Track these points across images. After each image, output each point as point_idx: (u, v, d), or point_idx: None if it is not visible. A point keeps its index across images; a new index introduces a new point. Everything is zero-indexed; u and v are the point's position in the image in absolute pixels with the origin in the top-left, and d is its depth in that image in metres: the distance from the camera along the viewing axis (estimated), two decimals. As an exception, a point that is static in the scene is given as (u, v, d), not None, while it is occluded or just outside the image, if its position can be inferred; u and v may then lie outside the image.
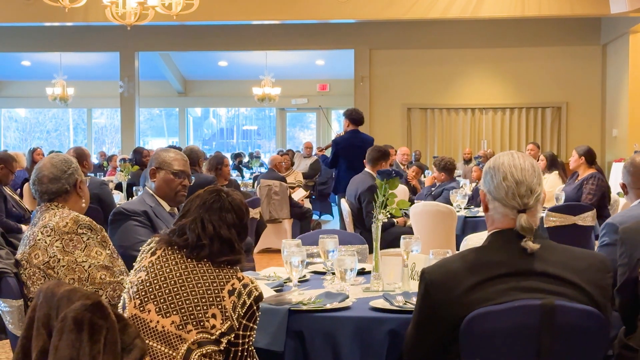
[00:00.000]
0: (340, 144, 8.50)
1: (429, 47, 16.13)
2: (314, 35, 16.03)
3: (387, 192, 3.31)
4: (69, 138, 26.71)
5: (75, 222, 3.02)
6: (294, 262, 3.18)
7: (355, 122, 8.52)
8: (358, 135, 8.48)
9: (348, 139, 8.41)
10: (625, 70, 14.17)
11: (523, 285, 2.27)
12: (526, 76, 16.09)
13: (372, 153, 7.33)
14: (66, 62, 18.88)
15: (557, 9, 12.79)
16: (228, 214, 2.57)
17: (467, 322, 2.25)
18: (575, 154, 7.53)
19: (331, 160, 8.68)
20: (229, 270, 2.52)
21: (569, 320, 2.25)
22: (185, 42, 16.65)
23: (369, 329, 2.78)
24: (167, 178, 3.84)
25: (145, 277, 2.50)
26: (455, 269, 2.33)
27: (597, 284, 2.33)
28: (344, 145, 8.37)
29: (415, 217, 6.62)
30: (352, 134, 8.48)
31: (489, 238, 2.39)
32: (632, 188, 3.53)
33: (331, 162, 8.71)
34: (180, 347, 2.41)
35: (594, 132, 15.81)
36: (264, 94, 18.19)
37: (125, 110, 16.93)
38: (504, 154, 2.41)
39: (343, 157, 8.40)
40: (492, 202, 2.39)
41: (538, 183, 2.35)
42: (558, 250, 2.37)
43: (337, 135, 9.04)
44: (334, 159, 8.56)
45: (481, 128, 16.57)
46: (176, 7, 9.24)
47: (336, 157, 8.50)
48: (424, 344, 2.41)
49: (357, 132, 8.52)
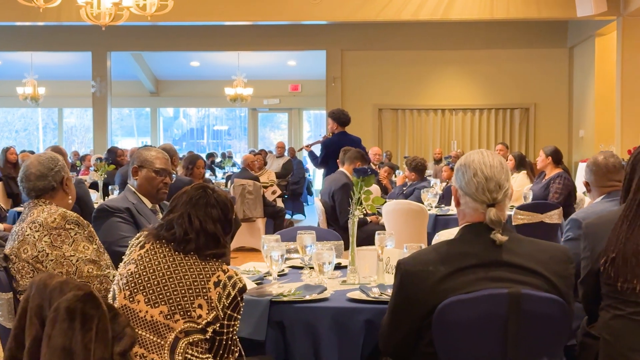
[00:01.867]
0: (330, 146, 8.56)
1: (400, 48, 16.32)
2: (286, 36, 16.13)
3: (363, 189, 3.45)
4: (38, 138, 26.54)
5: (63, 217, 3.13)
6: (274, 256, 3.31)
7: (343, 124, 8.66)
8: (347, 136, 8.61)
9: (337, 141, 8.49)
10: (592, 72, 14.47)
11: (492, 275, 2.43)
12: (495, 78, 16.36)
13: (352, 153, 7.49)
14: (37, 62, 18.78)
15: (525, 11, 13.03)
16: (214, 210, 2.70)
17: (439, 310, 2.39)
18: (542, 154, 7.73)
19: (321, 161, 8.78)
20: (215, 263, 2.64)
21: (534, 308, 2.40)
22: (158, 42, 16.68)
23: (346, 319, 2.91)
24: (148, 176, 3.95)
25: (134, 269, 2.62)
26: (429, 260, 2.48)
27: (561, 274, 2.49)
28: (334, 148, 8.45)
29: (387, 215, 6.78)
30: (341, 136, 8.60)
31: (460, 231, 2.54)
32: (594, 186, 3.71)
33: (321, 163, 8.80)
34: (168, 335, 2.53)
35: (561, 133, 16.12)
36: (236, 94, 18.26)
37: (98, 110, 16.89)
38: (474, 152, 2.56)
39: (334, 158, 8.50)
40: (464, 197, 2.54)
41: (506, 179, 2.51)
42: (525, 242, 2.53)
43: (324, 137, 9.13)
44: (324, 160, 8.66)
45: (451, 128, 16.81)
46: (151, 8, 9.30)
47: (326, 158, 8.60)
48: (398, 331, 2.55)
49: (345, 133, 8.65)
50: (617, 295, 2.81)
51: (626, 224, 2.82)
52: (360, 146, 8.55)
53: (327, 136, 8.99)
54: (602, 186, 3.68)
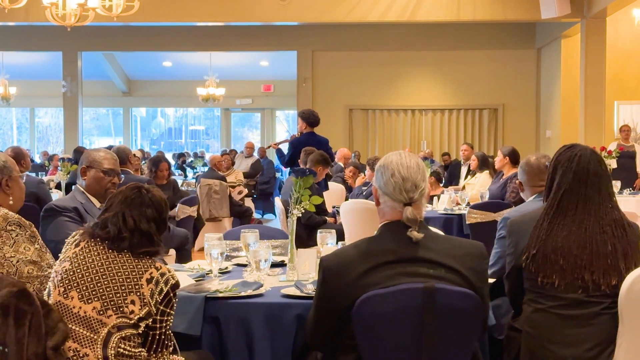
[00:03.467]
0: (297, 146, 8.64)
1: (371, 49, 16.45)
2: (258, 37, 16.21)
3: (301, 189, 3.56)
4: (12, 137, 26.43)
5: (5, 219, 3.18)
6: (213, 254, 3.41)
7: (312, 125, 8.75)
8: (314, 137, 8.69)
9: (305, 141, 8.56)
10: (558, 73, 14.68)
11: (408, 271, 2.54)
12: (464, 78, 16.52)
13: (315, 156, 7.59)
14: (8, 61, 18.73)
15: (491, 13, 13.21)
16: (148, 209, 2.78)
17: (358, 304, 2.51)
18: (500, 154, 7.87)
19: (287, 160, 8.86)
20: (148, 260, 2.73)
21: (448, 301, 2.53)
22: (129, 42, 16.67)
23: (279, 314, 3.02)
24: (97, 176, 4.04)
25: (69, 266, 2.70)
26: (349, 257, 2.60)
27: (474, 269, 2.62)
28: (302, 147, 8.55)
29: (345, 214, 6.88)
30: (309, 136, 8.68)
31: (380, 229, 2.66)
32: (527, 186, 3.85)
33: (288, 162, 8.89)
34: (101, 330, 2.61)
35: (528, 133, 16.32)
36: (208, 94, 18.32)
37: (68, 110, 16.87)
38: (393, 154, 2.69)
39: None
40: (383, 196, 2.67)
41: (422, 179, 2.63)
42: (440, 239, 2.66)
43: (293, 137, 9.21)
44: (291, 160, 8.75)
45: (421, 128, 16.96)
46: (116, 9, 9.35)
47: (294, 157, 8.69)
48: (322, 325, 2.66)
49: (313, 134, 8.74)
50: (537, 289, 2.94)
51: (547, 222, 2.95)
52: (327, 147, 8.67)
53: (295, 135, 9.08)
54: (533, 186, 3.82)
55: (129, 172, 6.69)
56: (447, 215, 6.96)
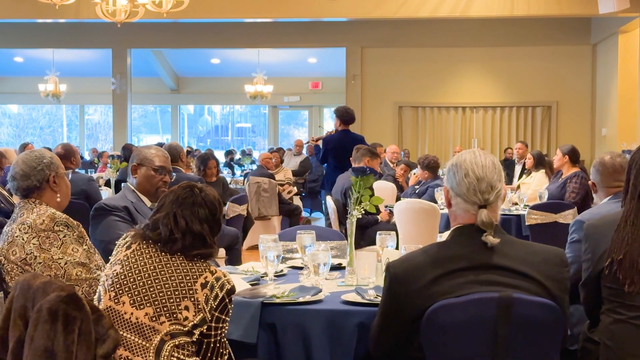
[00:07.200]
0: (329, 143, 8.53)
1: (421, 45, 16.21)
2: (306, 33, 16.10)
3: (361, 189, 3.38)
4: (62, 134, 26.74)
5: (52, 219, 3.08)
6: (269, 256, 3.25)
7: (346, 122, 8.57)
8: (348, 135, 8.52)
9: (338, 139, 8.44)
10: (615, 69, 14.27)
11: (482, 279, 2.35)
12: (517, 75, 16.19)
13: (362, 150, 7.43)
14: (59, 59, 18.92)
15: (546, 8, 12.88)
16: (200, 209, 2.64)
17: (428, 314, 2.33)
18: (559, 152, 7.62)
19: (321, 157, 8.76)
20: (202, 263, 2.59)
21: (526, 312, 2.33)
22: (178, 40, 16.69)
23: (339, 322, 2.85)
24: (148, 174, 3.91)
25: (120, 270, 2.57)
26: (418, 263, 2.41)
27: (554, 278, 2.42)
28: (334, 145, 8.42)
29: (399, 214, 6.70)
30: (343, 134, 8.52)
31: (451, 233, 2.47)
32: (601, 187, 3.62)
33: (321, 159, 8.79)
34: (153, 338, 2.48)
35: (583, 131, 15.93)
36: (256, 91, 18.27)
37: (118, 107, 16.98)
38: (466, 152, 2.49)
39: (332, 156, 8.46)
40: (455, 198, 2.47)
41: (498, 179, 2.43)
42: (517, 244, 2.46)
43: (328, 134, 9.09)
44: (324, 157, 8.63)
45: (472, 126, 16.67)
46: (166, 5, 9.31)
47: (326, 155, 8.56)
48: (388, 335, 2.49)
49: (347, 132, 8.56)
50: (618, 299, 2.72)
51: (630, 225, 2.73)
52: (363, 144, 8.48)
53: (331, 132, 8.93)
54: (608, 187, 3.60)
55: (180, 170, 6.58)
56: (504, 215, 6.69)
